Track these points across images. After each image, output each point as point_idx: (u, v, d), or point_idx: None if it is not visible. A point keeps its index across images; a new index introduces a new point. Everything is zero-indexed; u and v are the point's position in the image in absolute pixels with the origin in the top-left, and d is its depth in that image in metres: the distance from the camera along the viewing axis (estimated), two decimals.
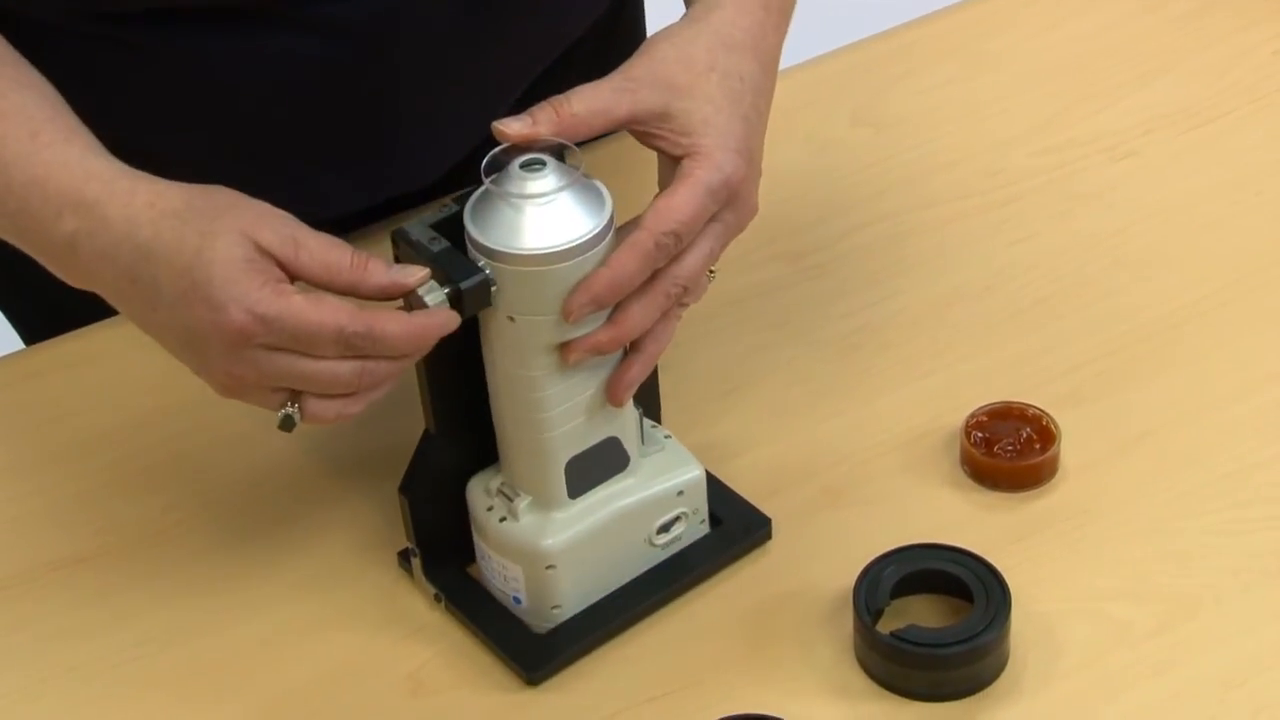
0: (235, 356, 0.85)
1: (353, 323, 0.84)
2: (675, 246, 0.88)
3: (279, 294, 0.84)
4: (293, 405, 0.87)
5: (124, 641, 0.98)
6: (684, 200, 0.88)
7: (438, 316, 0.86)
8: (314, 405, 0.88)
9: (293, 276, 0.85)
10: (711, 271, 0.93)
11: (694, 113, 0.90)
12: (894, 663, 0.92)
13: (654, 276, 0.89)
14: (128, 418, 1.10)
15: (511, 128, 0.87)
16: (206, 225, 0.85)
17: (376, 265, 0.86)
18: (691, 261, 0.90)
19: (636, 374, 0.92)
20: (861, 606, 0.93)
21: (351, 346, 0.85)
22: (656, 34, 0.93)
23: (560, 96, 0.89)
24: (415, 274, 0.86)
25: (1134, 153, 1.22)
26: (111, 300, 0.90)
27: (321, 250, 0.86)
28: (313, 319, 0.84)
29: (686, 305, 0.92)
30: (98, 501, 1.05)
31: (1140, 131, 1.24)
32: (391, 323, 0.86)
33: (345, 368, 0.86)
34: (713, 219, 0.90)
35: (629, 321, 0.89)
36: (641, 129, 0.90)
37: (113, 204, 0.86)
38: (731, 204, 0.91)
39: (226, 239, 0.84)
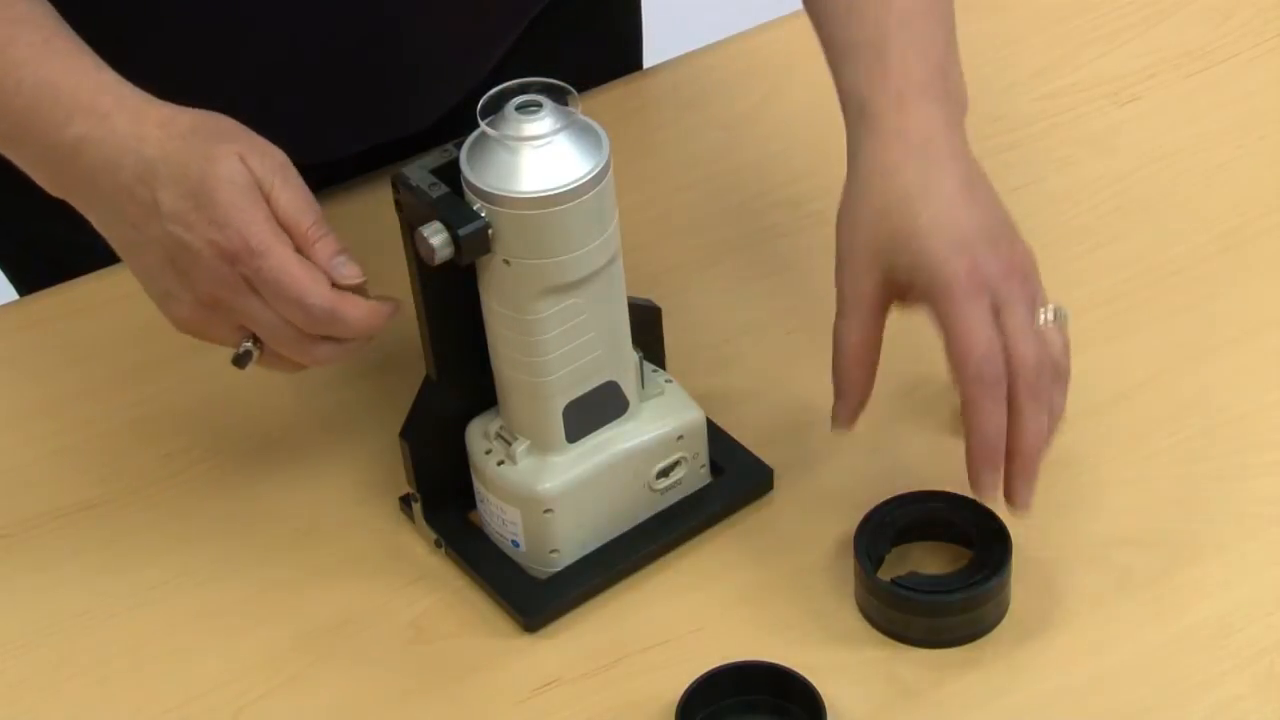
0: (218, 278, 0.87)
1: (320, 298, 0.87)
2: (994, 366, 0.88)
3: (276, 235, 0.86)
4: (253, 343, 0.90)
5: (125, 589, 0.98)
6: (962, 329, 0.88)
7: (396, 309, 0.89)
8: (270, 354, 0.91)
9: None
10: (1055, 316, 0.92)
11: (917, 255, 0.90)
12: (895, 609, 0.92)
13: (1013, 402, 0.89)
14: (127, 367, 1.10)
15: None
16: (209, 149, 0.87)
17: (325, 246, 0.88)
18: (1022, 350, 0.89)
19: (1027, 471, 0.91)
20: (862, 554, 0.93)
21: (309, 317, 0.87)
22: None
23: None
24: (350, 272, 0.88)
25: (1138, 97, 1.22)
26: (93, 211, 0.91)
27: (289, 201, 0.88)
28: (291, 271, 0.86)
29: (1064, 374, 0.92)
30: (99, 450, 1.05)
31: (1144, 75, 1.23)
32: (354, 308, 0.88)
33: (293, 332, 0.88)
34: (995, 304, 0.89)
35: (1020, 444, 0.89)
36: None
37: (123, 117, 0.88)
38: (1001, 280, 0.90)
39: (228, 163, 0.87)
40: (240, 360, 0.91)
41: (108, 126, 0.88)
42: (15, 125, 0.89)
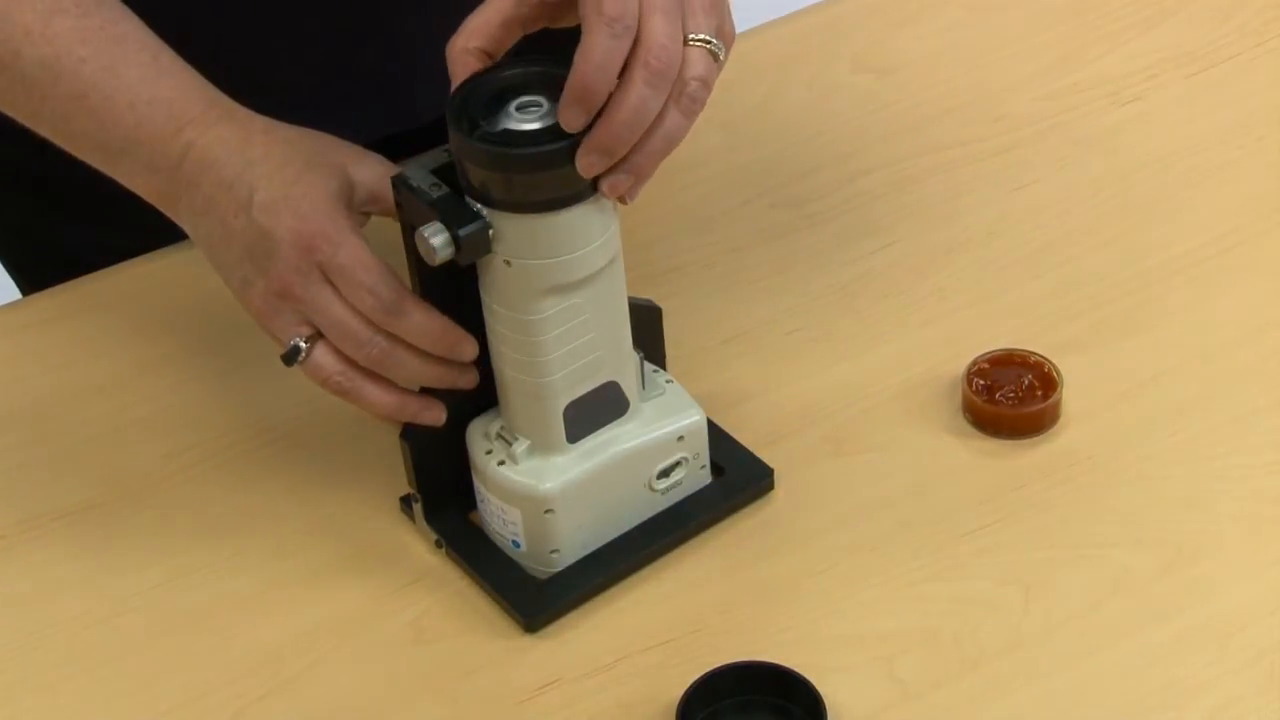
0: (292, 266, 0.90)
1: (387, 287, 0.89)
2: (628, 16, 0.83)
3: (353, 228, 0.91)
4: (306, 341, 0.92)
5: (125, 590, 0.98)
6: None
7: (465, 343, 0.92)
8: (321, 354, 0.92)
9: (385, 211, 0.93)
10: (709, 47, 0.87)
11: None
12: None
13: (629, 67, 0.84)
14: (128, 366, 1.10)
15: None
16: (311, 158, 0.92)
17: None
18: (657, 32, 0.84)
19: (631, 168, 0.87)
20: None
21: (378, 303, 0.90)
22: None
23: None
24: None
25: (1138, 97, 1.22)
26: (186, 210, 0.94)
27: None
28: (364, 260, 0.90)
29: (695, 102, 0.86)
30: (99, 450, 1.05)
31: (1144, 76, 1.23)
32: (419, 310, 0.90)
33: (360, 324, 0.90)
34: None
35: (617, 110, 0.84)
36: None
37: (230, 124, 0.93)
38: None
39: (324, 171, 0.92)
40: (289, 356, 0.92)
41: (215, 133, 0.92)
42: (125, 140, 0.93)
